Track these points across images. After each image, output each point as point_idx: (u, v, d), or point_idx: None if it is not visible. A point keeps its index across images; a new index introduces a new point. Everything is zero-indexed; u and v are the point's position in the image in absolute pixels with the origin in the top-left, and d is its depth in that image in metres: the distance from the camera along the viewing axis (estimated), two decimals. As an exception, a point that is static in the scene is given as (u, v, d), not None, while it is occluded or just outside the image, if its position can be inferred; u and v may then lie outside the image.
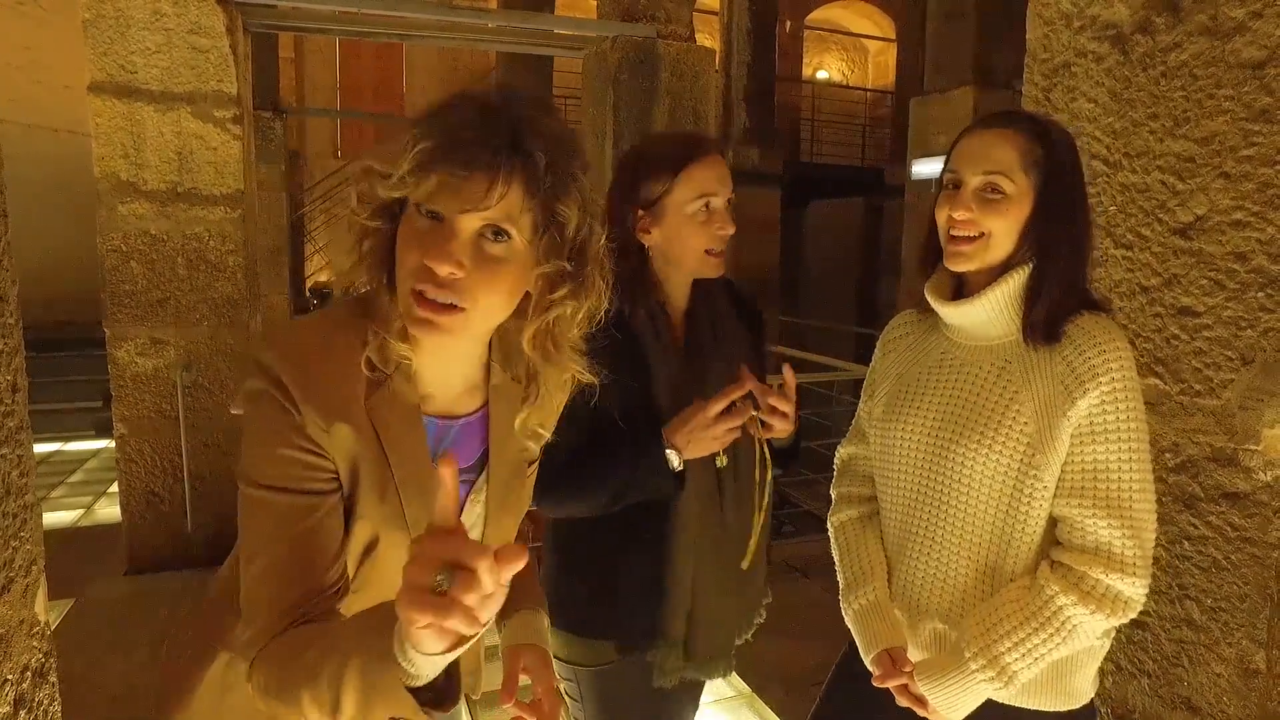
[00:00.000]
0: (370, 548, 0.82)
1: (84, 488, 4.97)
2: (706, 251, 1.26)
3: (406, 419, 0.81)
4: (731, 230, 1.26)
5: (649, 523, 1.25)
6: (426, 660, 0.61)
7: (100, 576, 3.44)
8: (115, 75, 3.26)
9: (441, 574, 0.56)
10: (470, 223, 0.74)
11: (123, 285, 3.38)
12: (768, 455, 1.22)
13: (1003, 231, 1.06)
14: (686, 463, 1.22)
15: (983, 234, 1.06)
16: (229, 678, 0.89)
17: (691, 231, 1.24)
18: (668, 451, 1.19)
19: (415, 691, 0.64)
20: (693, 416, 1.17)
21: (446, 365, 0.86)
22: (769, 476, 1.22)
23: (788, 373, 1.21)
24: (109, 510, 4.39)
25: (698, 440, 1.18)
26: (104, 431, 5.61)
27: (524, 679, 0.99)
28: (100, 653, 2.77)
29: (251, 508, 0.77)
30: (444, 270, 0.73)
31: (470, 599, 0.55)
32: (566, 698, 1.38)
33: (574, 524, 1.32)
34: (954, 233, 1.08)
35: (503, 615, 1.05)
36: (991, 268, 1.09)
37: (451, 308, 0.74)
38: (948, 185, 1.10)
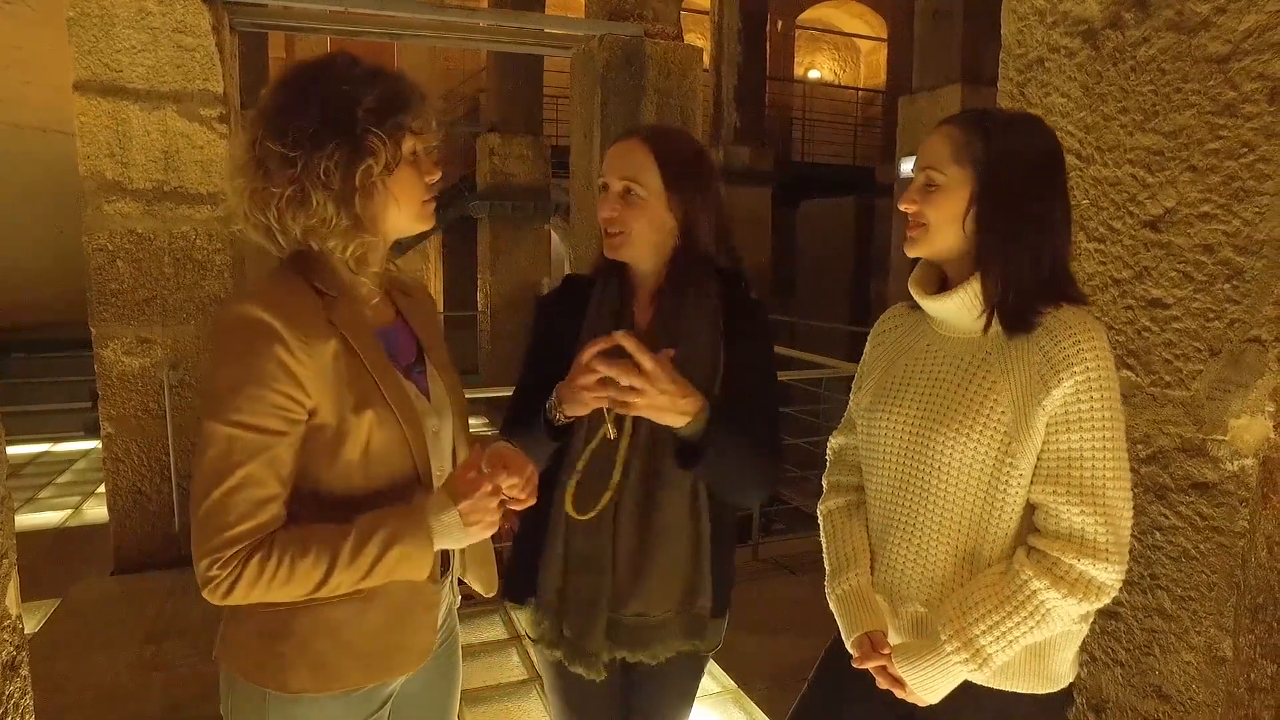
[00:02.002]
0: (367, 442, 0.98)
1: (72, 488, 4.95)
2: (604, 233, 1.27)
3: (363, 328, 1.02)
4: (606, 213, 1.26)
5: (546, 484, 1.23)
6: (449, 542, 0.99)
7: (87, 576, 3.43)
8: (100, 74, 3.26)
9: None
10: None
11: (109, 284, 3.37)
12: (625, 424, 1.21)
13: (939, 221, 1.10)
14: (578, 428, 1.23)
15: (925, 223, 1.11)
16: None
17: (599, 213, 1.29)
18: (550, 401, 1.19)
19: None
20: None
21: (373, 280, 1.06)
22: (620, 444, 1.21)
23: (621, 339, 1.11)
24: (97, 510, 4.38)
25: (571, 393, 1.15)
26: (93, 432, 5.59)
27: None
28: (86, 652, 2.77)
29: (218, 440, 0.91)
30: (439, 175, 1.07)
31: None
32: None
33: None
34: (907, 221, 1.14)
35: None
36: (961, 259, 1.11)
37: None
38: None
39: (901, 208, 1.12)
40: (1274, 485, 1.24)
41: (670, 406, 1.13)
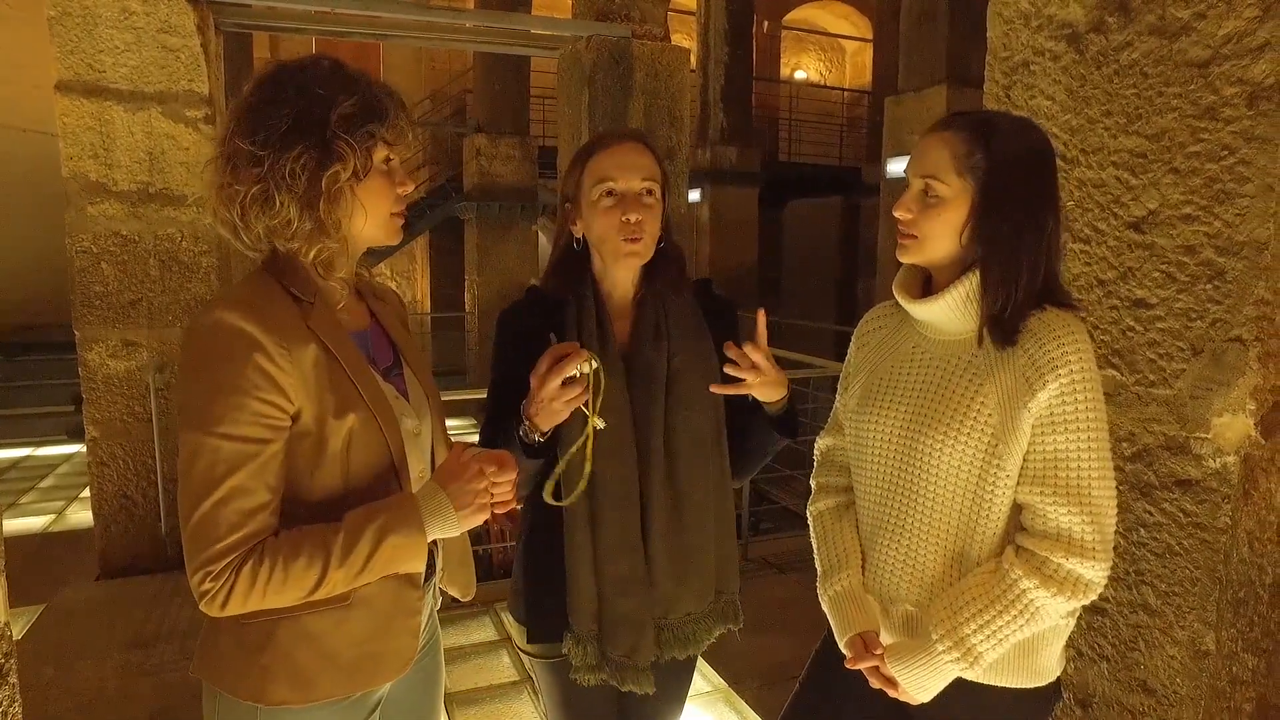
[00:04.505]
0: (348, 445, 0.97)
1: (55, 493, 4.90)
2: (622, 240, 1.24)
3: (339, 332, 1.01)
4: (635, 216, 1.22)
5: (550, 520, 1.24)
6: (441, 529, 0.98)
7: (72, 582, 3.39)
8: (83, 74, 3.23)
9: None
10: None
11: (93, 287, 3.34)
12: (589, 432, 1.18)
13: (936, 233, 1.09)
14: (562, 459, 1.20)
15: (918, 235, 1.10)
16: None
17: (597, 219, 1.25)
18: (524, 425, 1.16)
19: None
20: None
21: (342, 285, 1.05)
22: (587, 445, 1.18)
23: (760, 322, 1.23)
24: (81, 515, 4.34)
25: (542, 407, 1.13)
26: (76, 436, 5.54)
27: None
28: (72, 658, 2.74)
29: (203, 452, 0.90)
30: (411, 188, 1.09)
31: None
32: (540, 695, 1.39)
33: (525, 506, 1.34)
34: (899, 228, 1.13)
35: None
36: (949, 264, 1.11)
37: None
38: (907, 184, 1.13)
39: (897, 214, 1.11)
40: (1255, 482, 1.26)
41: (779, 379, 1.23)
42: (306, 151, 0.93)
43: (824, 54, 15.63)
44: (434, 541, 1.13)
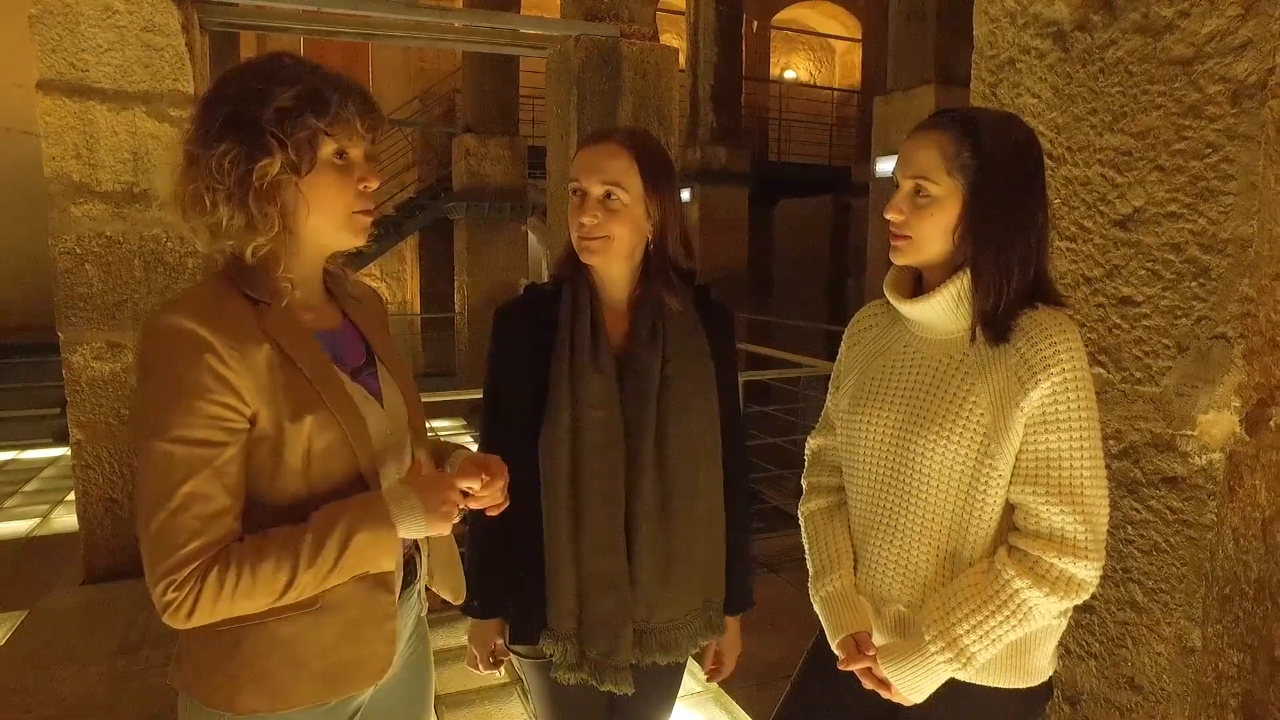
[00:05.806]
0: (308, 448, 0.95)
1: (40, 496, 4.85)
2: (579, 239, 1.23)
3: (298, 332, 0.98)
4: (585, 219, 1.21)
5: (531, 508, 1.23)
6: (410, 527, 0.96)
7: (56, 587, 3.36)
8: (65, 73, 3.19)
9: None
10: None
11: (77, 288, 3.30)
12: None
13: (929, 234, 1.08)
14: (545, 454, 1.22)
15: (911, 235, 1.09)
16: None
17: (569, 216, 1.25)
18: None
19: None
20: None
21: (308, 284, 1.03)
22: None
23: None
24: (66, 519, 4.29)
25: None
26: (62, 439, 5.48)
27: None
28: (54, 664, 2.71)
29: (156, 459, 0.88)
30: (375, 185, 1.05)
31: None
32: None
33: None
34: (890, 230, 1.12)
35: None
36: (941, 263, 1.11)
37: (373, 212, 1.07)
38: (895, 185, 1.13)
39: (888, 216, 1.10)
40: (1240, 479, 1.27)
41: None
42: (234, 147, 0.91)
43: (813, 54, 15.68)
44: (416, 546, 1.12)
